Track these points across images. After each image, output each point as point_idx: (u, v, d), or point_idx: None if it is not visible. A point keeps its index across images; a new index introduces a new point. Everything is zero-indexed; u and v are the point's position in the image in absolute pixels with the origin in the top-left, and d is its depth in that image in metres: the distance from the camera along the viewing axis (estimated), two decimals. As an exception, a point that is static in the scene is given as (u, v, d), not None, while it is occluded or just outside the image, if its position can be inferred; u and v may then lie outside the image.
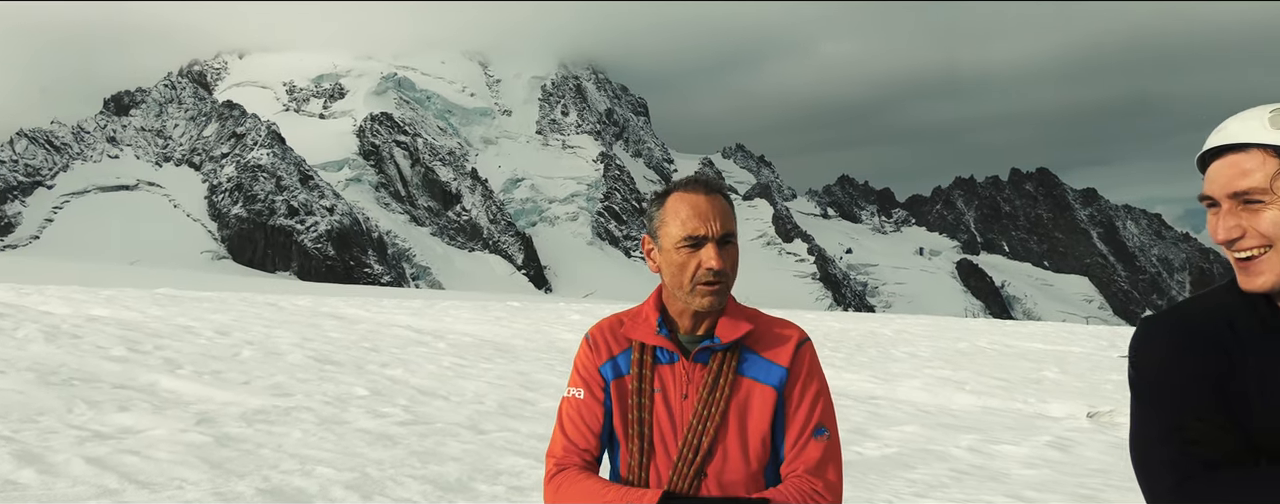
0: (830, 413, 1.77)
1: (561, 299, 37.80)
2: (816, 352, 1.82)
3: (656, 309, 1.78)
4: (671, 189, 1.75)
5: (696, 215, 1.69)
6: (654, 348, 1.76)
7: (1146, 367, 1.42)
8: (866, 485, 5.73)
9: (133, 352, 8.98)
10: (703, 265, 1.68)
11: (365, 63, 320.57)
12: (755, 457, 1.73)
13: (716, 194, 1.72)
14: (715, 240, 1.68)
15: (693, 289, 1.69)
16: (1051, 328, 24.48)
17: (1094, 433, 8.64)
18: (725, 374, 1.72)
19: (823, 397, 1.77)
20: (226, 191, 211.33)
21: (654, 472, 1.74)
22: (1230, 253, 1.36)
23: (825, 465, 1.72)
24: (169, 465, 4.77)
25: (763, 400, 1.73)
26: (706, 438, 1.71)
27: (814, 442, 1.72)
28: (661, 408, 1.75)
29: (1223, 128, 1.37)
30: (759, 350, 1.75)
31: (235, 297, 18.67)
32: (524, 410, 7.56)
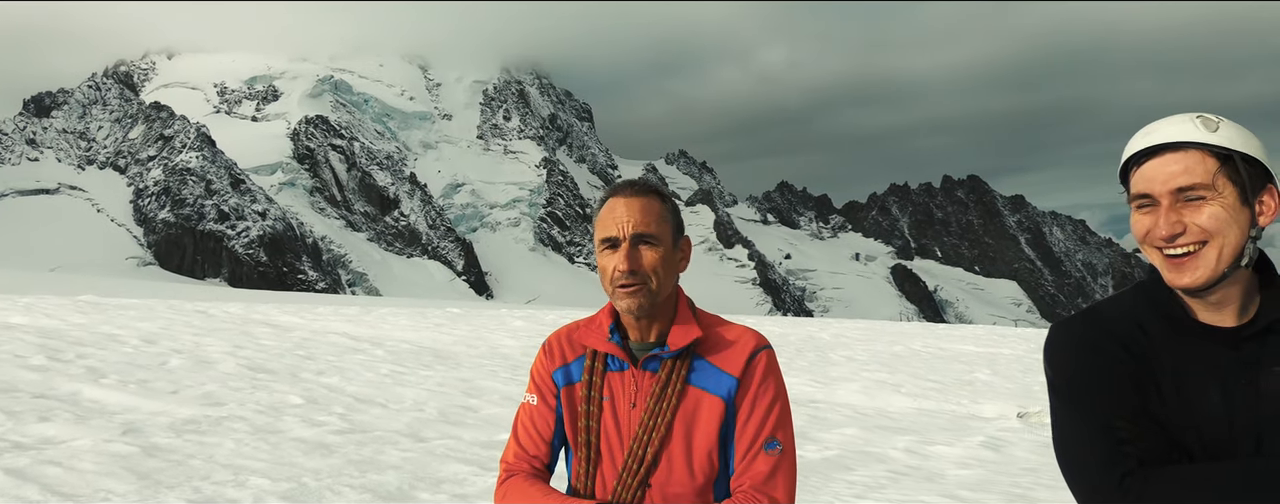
0: (785, 425, 1.70)
1: (503, 305, 37.48)
2: (776, 361, 1.75)
3: (610, 315, 1.77)
4: (605, 194, 1.77)
5: (612, 218, 1.69)
6: (605, 355, 1.75)
7: (1066, 368, 1.45)
8: (808, 488, 5.80)
9: (53, 360, 8.62)
10: (615, 267, 1.68)
11: (300, 65, 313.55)
12: (701, 469, 1.68)
13: (641, 196, 1.70)
14: (628, 241, 1.67)
15: (613, 291, 1.70)
16: (982, 331, 25.13)
17: (1024, 432, 8.90)
18: (673, 383, 1.68)
19: (777, 408, 1.68)
20: (153, 195, 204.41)
21: (600, 481, 1.72)
22: (1162, 251, 1.39)
23: (774, 480, 1.65)
24: (94, 477, 4.60)
25: (711, 411, 1.67)
26: (651, 448, 1.67)
27: (764, 455, 1.66)
28: (609, 416, 1.73)
29: (1151, 131, 1.41)
30: (711, 359, 1.70)
31: (162, 304, 18.06)
32: (466, 417, 7.47)
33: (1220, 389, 1.38)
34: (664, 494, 1.68)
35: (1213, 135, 1.36)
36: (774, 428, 1.68)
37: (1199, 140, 1.37)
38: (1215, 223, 1.35)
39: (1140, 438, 1.38)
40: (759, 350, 1.71)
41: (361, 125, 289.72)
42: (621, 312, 1.72)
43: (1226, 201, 1.36)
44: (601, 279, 1.74)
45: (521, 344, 14.36)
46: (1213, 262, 1.36)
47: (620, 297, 1.69)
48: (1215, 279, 1.37)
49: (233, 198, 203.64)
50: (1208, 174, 1.36)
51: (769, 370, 1.71)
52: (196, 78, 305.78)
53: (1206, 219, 1.36)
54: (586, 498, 1.72)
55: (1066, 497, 5.32)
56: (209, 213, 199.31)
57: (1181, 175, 1.37)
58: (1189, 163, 1.37)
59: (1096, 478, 1.39)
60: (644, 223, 1.68)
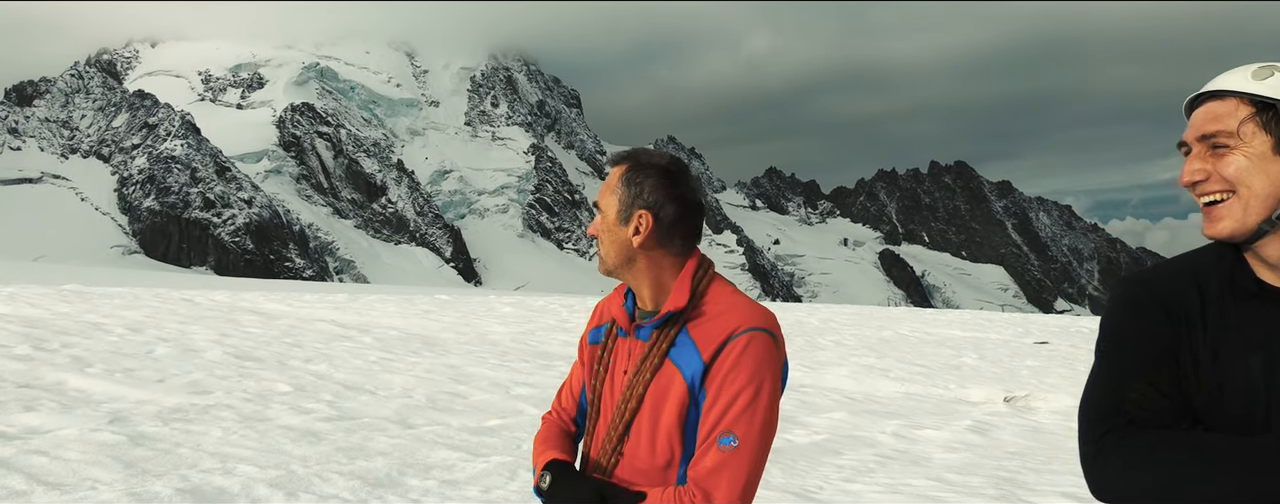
0: (749, 419, 1.55)
1: (491, 292, 37.40)
2: (763, 348, 1.59)
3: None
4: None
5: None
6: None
7: (1103, 326, 1.42)
8: (796, 472, 5.83)
9: (38, 349, 8.56)
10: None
11: (286, 52, 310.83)
12: (661, 449, 1.64)
13: (611, 165, 1.77)
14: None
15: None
16: (969, 316, 25.28)
17: (1011, 417, 8.97)
18: (652, 355, 1.67)
19: (742, 399, 1.55)
20: (138, 184, 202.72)
21: (596, 441, 1.76)
22: (1197, 199, 1.37)
23: (717, 478, 1.54)
24: (80, 466, 4.56)
25: (677, 393, 1.62)
26: (624, 418, 1.68)
27: (715, 449, 1.55)
28: (608, 380, 1.77)
29: (1215, 80, 1.39)
30: (695, 335, 1.65)
31: (148, 292, 17.94)
32: (454, 404, 7.47)
33: (1263, 357, 1.30)
34: (632, 466, 1.68)
35: (1258, 84, 1.32)
36: (733, 421, 1.55)
37: (1239, 88, 1.33)
38: (1237, 172, 1.31)
39: (1147, 401, 1.33)
40: (738, 334, 1.59)
41: (348, 112, 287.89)
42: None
43: (1252, 151, 1.31)
44: None
45: (510, 330, 14.34)
46: (1239, 213, 1.31)
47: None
48: (1245, 232, 1.32)
49: (218, 185, 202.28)
50: (1234, 122, 1.32)
51: (746, 357, 1.57)
52: (180, 66, 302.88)
53: (1229, 168, 1.32)
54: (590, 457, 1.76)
55: (1052, 480, 5.36)
56: (194, 201, 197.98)
57: (1208, 122, 1.34)
58: (1221, 110, 1.33)
59: (1085, 435, 1.37)
60: (602, 193, 1.75)
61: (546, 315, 17.82)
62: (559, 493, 1.69)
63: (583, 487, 1.68)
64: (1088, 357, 14.67)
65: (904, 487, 5.65)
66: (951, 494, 5.51)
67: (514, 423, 6.79)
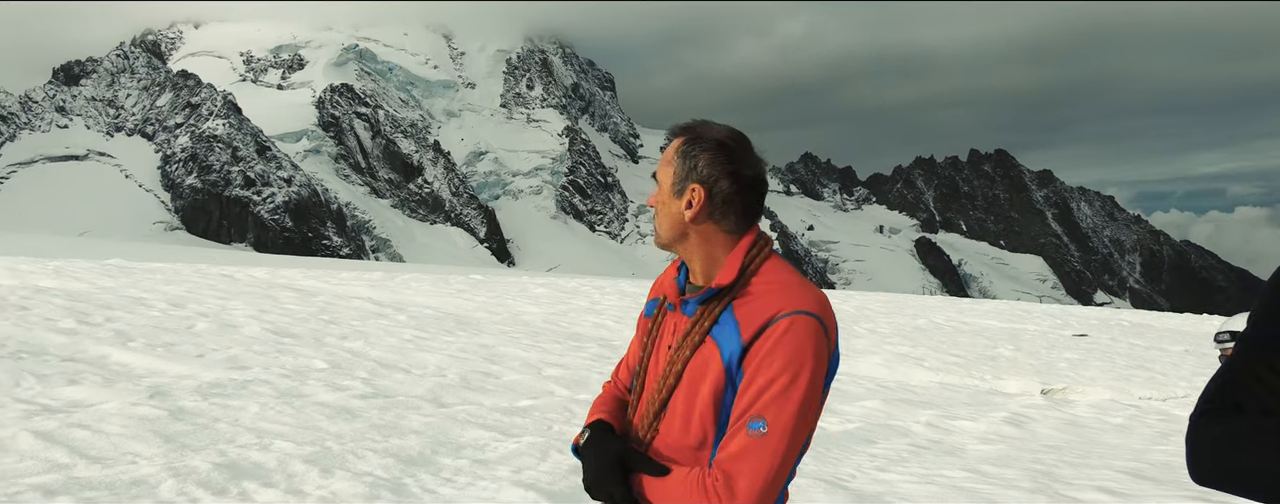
0: (782, 406, 1.49)
1: (524, 273, 37.60)
2: (806, 332, 1.53)
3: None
4: None
5: None
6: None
7: (1264, 299, 1.34)
8: (829, 460, 5.78)
9: (82, 324, 8.74)
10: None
11: (325, 34, 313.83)
12: (695, 429, 1.60)
13: (670, 137, 1.74)
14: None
15: None
16: (1007, 306, 24.93)
17: (1048, 409, 8.83)
18: (694, 331, 1.64)
19: (777, 385, 1.50)
20: (180, 162, 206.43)
21: (636, 415, 1.75)
22: None
23: (741, 464, 1.49)
24: (121, 439, 4.65)
25: (714, 372, 1.59)
26: (664, 393, 1.66)
27: (743, 434, 1.50)
28: (655, 354, 1.76)
29: None
30: (739, 315, 1.60)
31: (189, 268, 18.27)
32: (486, 383, 7.51)
33: None
34: (666, 443, 1.65)
35: None
36: (765, 406, 1.50)
37: None
38: None
39: (1263, 385, 1.25)
40: (781, 316, 1.54)
41: (386, 93, 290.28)
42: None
43: None
44: None
45: (542, 311, 14.40)
46: None
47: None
48: None
49: (259, 164, 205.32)
50: None
51: (785, 340, 1.52)
52: (223, 46, 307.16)
53: None
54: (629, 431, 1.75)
55: (1089, 474, 5.25)
56: (235, 179, 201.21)
57: None
58: None
59: (1192, 414, 1.30)
60: (660, 164, 1.73)
61: (578, 297, 17.87)
62: (589, 452, 1.71)
63: (608, 449, 1.68)
64: (1128, 350, 14.39)
65: (938, 477, 5.59)
66: (986, 486, 5.44)
67: (545, 404, 6.82)
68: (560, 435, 5.75)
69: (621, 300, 17.79)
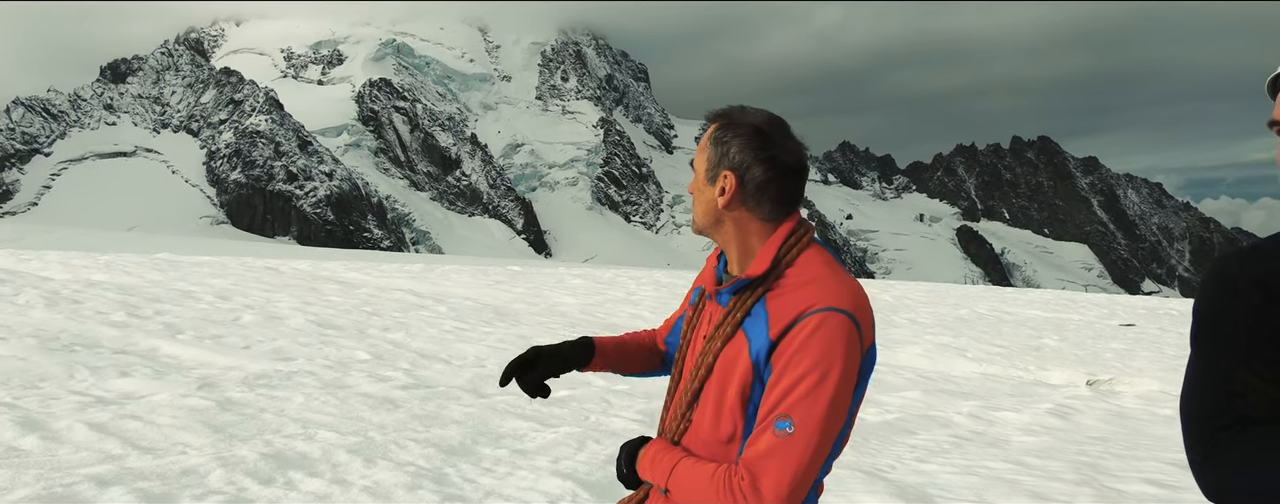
0: (810, 406, 1.46)
1: (561, 264, 37.78)
2: (837, 330, 1.48)
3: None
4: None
5: None
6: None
7: (1198, 310, 1.31)
8: (868, 451, 5.74)
9: (133, 317, 8.97)
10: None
11: (363, 29, 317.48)
12: (725, 423, 1.58)
13: (707, 123, 1.70)
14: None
15: None
16: (1051, 295, 24.50)
17: (1093, 401, 8.67)
18: (727, 323, 1.61)
19: (805, 384, 1.46)
20: (225, 157, 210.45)
21: (671, 406, 1.73)
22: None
23: (767, 464, 1.46)
24: (171, 430, 4.77)
25: (742, 367, 1.56)
26: (695, 384, 1.64)
27: (770, 433, 1.47)
28: (691, 344, 1.73)
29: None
30: (770, 308, 1.57)
31: (235, 261, 18.64)
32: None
33: None
34: (696, 436, 1.64)
35: None
36: (792, 406, 1.46)
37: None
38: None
39: (1257, 393, 1.22)
40: (810, 313, 1.49)
41: (423, 87, 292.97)
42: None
43: None
44: None
45: (579, 302, 14.46)
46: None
47: None
48: None
49: (301, 159, 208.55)
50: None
51: (815, 339, 1.47)
52: (264, 43, 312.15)
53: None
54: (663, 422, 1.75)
55: (1136, 466, 5.13)
56: (278, 174, 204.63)
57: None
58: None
59: (1192, 435, 1.26)
60: (697, 150, 1.69)
61: (614, 288, 17.91)
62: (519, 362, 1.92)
63: (532, 352, 1.90)
64: (1177, 340, 14.07)
65: (980, 469, 5.52)
66: (1029, 478, 5.36)
67: (582, 394, 6.85)
68: (597, 426, 5.78)
69: (657, 291, 17.80)
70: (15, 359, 6.37)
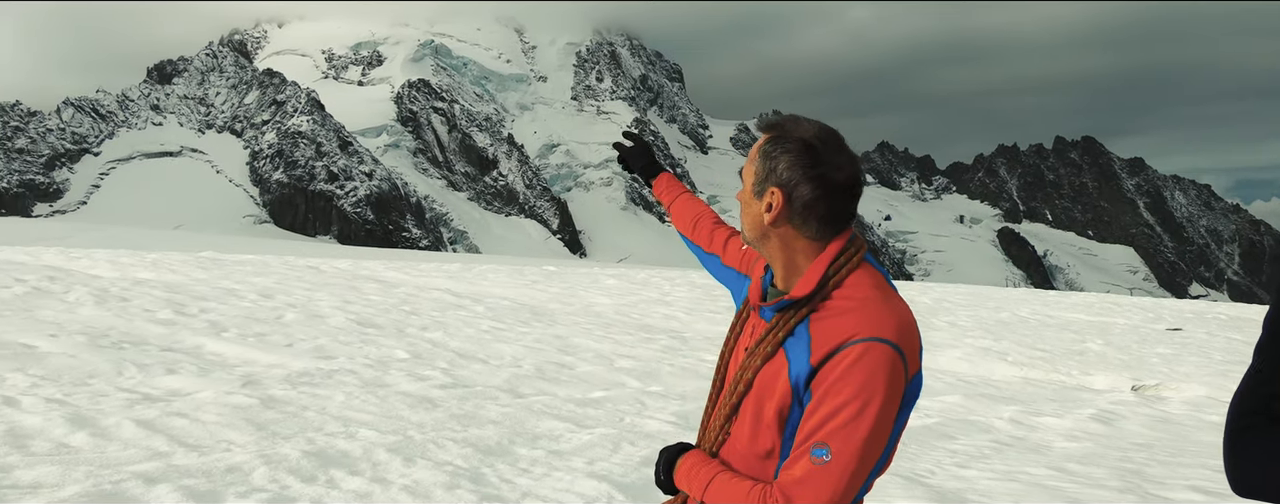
0: (848, 436, 1.44)
1: (596, 264, 37.89)
2: (879, 361, 1.45)
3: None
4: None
5: None
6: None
7: (1272, 309, 1.32)
8: (907, 456, 5.68)
9: (179, 315, 9.16)
10: None
11: (402, 30, 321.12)
12: (762, 440, 1.57)
13: (759, 133, 1.66)
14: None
15: None
16: (1095, 299, 24.03)
17: (1139, 406, 8.49)
18: (768, 340, 1.58)
19: (844, 413, 1.44)
20: (268, 157, 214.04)
21: (712, 416, 1.71)
22: None
23: (802, 490, 1.46)
24: (216, 428, 4.86)
25: (781, 388, 1.54)
26: (734, 398, 1.62)
27: (806, 459, 1.46)
28: (734, 354, 1.71)
29: None
30: (813, 331, 1.54)
31: (277, 260, 18.95)
32: (561, 374, 7.60)
33: None
34: (734, 448, 1.63)
35: None
36: (830, 434, 1.44)
37: None
38: None
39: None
40: (852, 343, 1.46)
41: (461, 88, 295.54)
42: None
43: None
44: None
45: (614, 303, 14.48)
46: None
47: None
48: None
49: (341, 159, 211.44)
50: None
51: (856, 369, 1.45)
52: (305, 44, 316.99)
53: None
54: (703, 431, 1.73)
55: (1182, 473, 5.02)
56: (319, 174, 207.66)
57: None
58: None
59: (1226, 428, 1.28)
60: (747, 160, 1.65)
61: (649, 289, 17.91)
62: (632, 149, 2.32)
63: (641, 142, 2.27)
64: (1226, 344, 13.73)
65: (1021, 474, 5.44)
66: (1071, 484, 5.27)
67: (617, 395, 6.87)
68: (632, 428, 5.79)
69: (692, 292, 17.77)
70: (66, 356, 6.54)
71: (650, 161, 2.31)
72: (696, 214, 2.13)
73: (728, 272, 1.95)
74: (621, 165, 2.36)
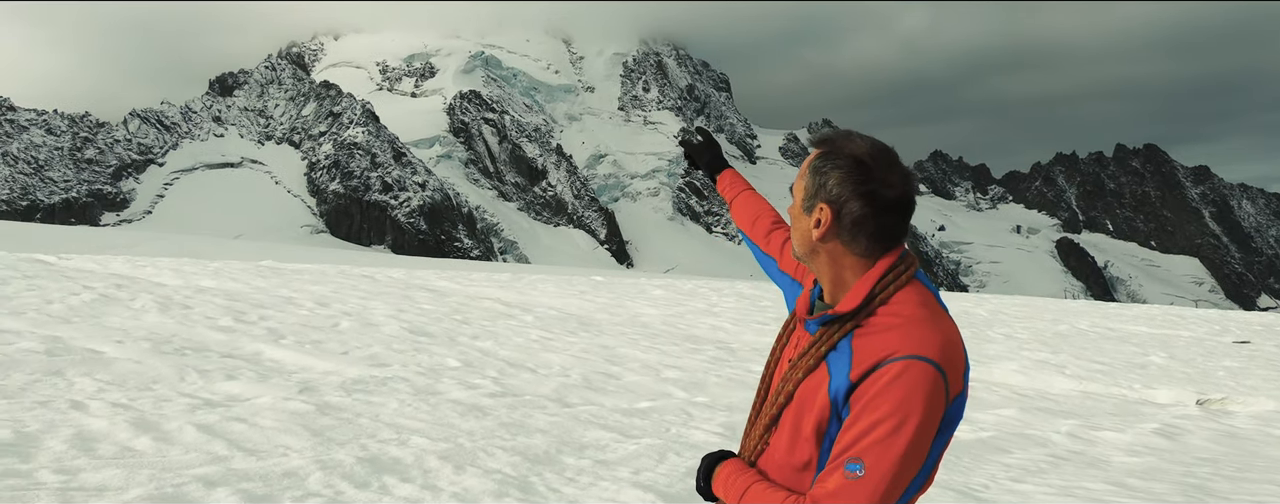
0: (883, 452, 1.43)
1: (642, 274, 37.93)
2: (919, 380, 1.45)
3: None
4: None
5: None
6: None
7: None
8: (960, 469, 5.58)
9: (239, 322, 9.41)
10: None
11: (453, 42, 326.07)
12: (800, 451, 1.57)
13: (811, 148, 1.66)
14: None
15: None
16: (1158, 311, 23.33)
17: (1203, 421, 8.23)
18: (811, 353, 1.59)
19: (881, 429, 1.43)
20: (324, 168, 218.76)
21: (754, 424, 1.72)
22: None
23: (833, 502, 1.46)
24: (274, 433, 4.98)
25: (820, 402, 1.54)
26: (774, 409, 1.63)
27: (840, 473, 1.45)
28: (779, 363, 1.72)
29: None
30: (856, 346, 1.54)
31: (333, 269, 19.35)
32: (607, 384, 7.63)
33: None
34: (772, 458, 1.63)
35: None
36: (865, 449, 1.44)
37: None
38: None
39: None
40: (892, 360, 1.46)
41: (511, 99, 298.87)
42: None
43: None
44: None
45: (660, 313, 14.48)
46: None
47: None
48: None
49: (395, 170, 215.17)
50: None
51: (895, 386, 1.44)
52: (360, 57, 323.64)
53: None
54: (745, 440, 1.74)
55: (1249, 489, 4.86)
56: (374, 184, 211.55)
57: None
58: None
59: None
60: (798, 174, 1.66)
61: (695, 299, 17.87)
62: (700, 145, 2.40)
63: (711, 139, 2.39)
64: (1298, 359, 13.21)
65: (1078, 489, 5.31)
66: (1131, 500, 5.12)
67: (663, 406, 6.86)
68: (678, 438, 5.79)
69: (739, 302, 17.69)
70: (131, 362, 6.76)
71: (716, 157, 2.36)
72: (757, 212, 2.17)
73: (783, 277, 1.98)
74: (687, 162, 2.41)
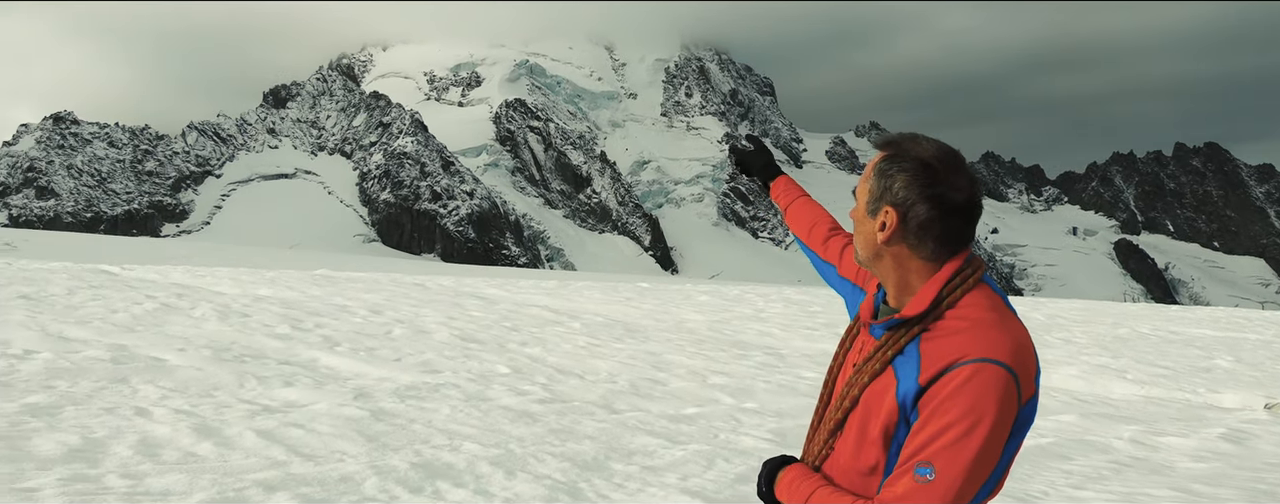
0: (954, 456, 1.41)
1: (687, 280, 37.89)
2: (990, 382, 1.43)
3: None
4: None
5: None
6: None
7: None
8: (1019, 476, 5.47)
9: (295, 329, 9.62)
10: None
11: (498, 51, 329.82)
12: (866, 456, 1.56)
13: (876, 150, 1.64)
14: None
15: None
16: (1222, 313, 22.62)
17: (1272, 425, 7.95)
18: (877, 357, 1.57)
19: (951, 433, 1.42)
20: (375, 178, 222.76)
21: (817, 429, 1.71)
22: None
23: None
24: (330, 438, 5.08)
25: (887, 407, 1.53)
26: (839, 414, 1.62)
27: (909, 477, 1.44)
28: (843, 368, 1.71)
29: None
30: (924, 350, 1.52)
31: (385, 277, 19.68)
32: (654, 391, 7.63)
33: None
34: (837, 463, 1.62)
35: None
36: (936, 453, 1.42)
37: None
38: None
39: None
40: (963, 363, 1.44)
41: (555, 107, 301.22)
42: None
43: None
44: None
45: (706, 319, 14.45)
46: None
47: None
48: None
49: (444, 179, 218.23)
50: None
51: (966, 389, 1.43)
52: (408, 67, 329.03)
53: None
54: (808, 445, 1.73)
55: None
56: (423, 193, 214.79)
57: None
58: None
59: None
60: (861, 178, 1.64)
61: (741, 305, 17.79)
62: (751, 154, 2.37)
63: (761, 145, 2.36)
64: (1374, 362, 12.69)
65: (1142, 496, 5.16)
66: (1200, 512, 4.97)
67: (710, 412, 6.84)
68: (726, 445, 5.76)
69: (786, 308, 17.56)
70: (192, 369, 6.95)
71: (768, 163, 2.33)
72: (814, 219, 2.14)
73: (844, 283, 1.96)
74: (739, 169, 2.37)
